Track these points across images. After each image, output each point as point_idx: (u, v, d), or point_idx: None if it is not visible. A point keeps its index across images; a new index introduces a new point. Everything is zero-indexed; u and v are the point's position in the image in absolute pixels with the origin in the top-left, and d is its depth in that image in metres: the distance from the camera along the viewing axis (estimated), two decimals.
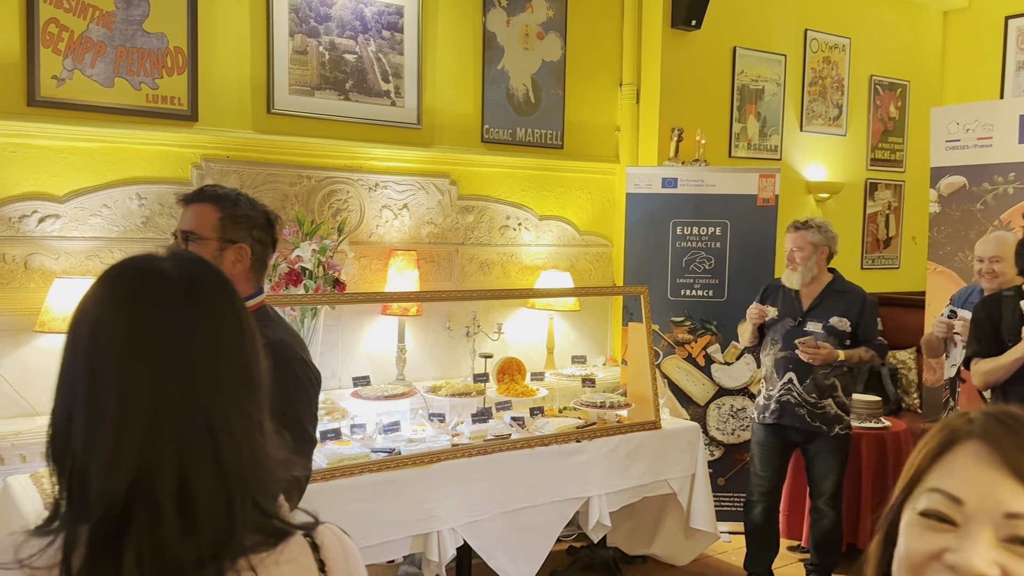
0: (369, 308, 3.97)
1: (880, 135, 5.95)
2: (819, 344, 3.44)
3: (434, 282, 4.23)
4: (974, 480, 0.72)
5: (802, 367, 3.51)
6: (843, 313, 3.53)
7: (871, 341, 3.56)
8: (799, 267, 3.58)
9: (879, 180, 5.97)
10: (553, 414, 3.68)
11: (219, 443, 0.84)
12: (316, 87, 3.88)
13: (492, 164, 4.43)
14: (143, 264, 0.91)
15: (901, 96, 6.05)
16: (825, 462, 3.58)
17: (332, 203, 3.94)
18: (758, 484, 3.72)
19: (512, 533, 3.14)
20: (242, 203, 1.94)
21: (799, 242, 3.58)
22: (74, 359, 0.86)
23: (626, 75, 4.88)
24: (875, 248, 5.99)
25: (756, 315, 3.62)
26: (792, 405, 3.55)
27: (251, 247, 1.93)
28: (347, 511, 2.76)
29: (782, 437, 3.65)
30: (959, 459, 0.74)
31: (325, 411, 3.20)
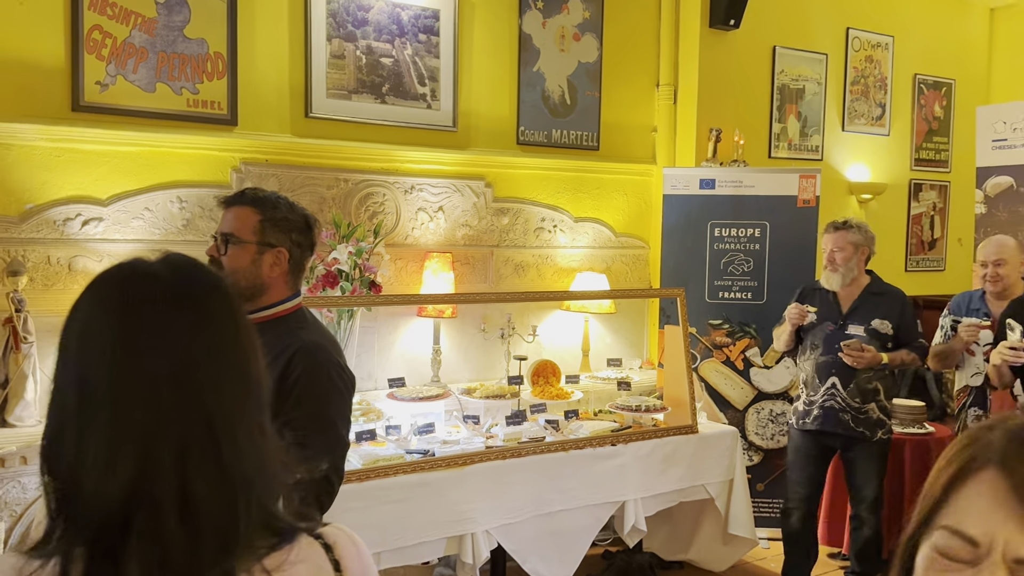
0: (404, 310, 3.99)
1: (924, 135, 5.82)
2: (863, 347, 3.37)
3: (469, 284, 4.23)
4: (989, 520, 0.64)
5: (845, 371, 3.44)
6: (884, 315, 3.46)
7: (912, 343, 3.48)
8: (840, 268, 3.51)
9: (923, 181, 5.84)
10: (588, 417, 3.65)
11: (220, 444, 0.82)
12: (353, 91, 3.91)
13: (527, 166, 4.43)
14: (132, 268, 0.89)
15: (946, 95, 5.91)
16: (866, 468, 3.50)
17: (368, 206, 3.97)
18: (796, 491, 3.65)
19: (547, 536, 3.13)
20: (282, 206, 1.95)
21: (839, 242, 3.52)
22: (64, 367, 0.85)
23: (663, 75, 4.84)
24: (920, 250, 5.85)
25: (796, 315, 3.54)
26: (836, 411, 3.47)
27: (289, 250, 1.94)
28: (382, 512, 2.77)
29: (821, 443, 3.58)
30: (975, 492, 0.66)
31: (360, 412, 3.22)
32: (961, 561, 0.65)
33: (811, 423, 3.55)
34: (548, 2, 4.43)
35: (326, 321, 3.55)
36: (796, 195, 4.39)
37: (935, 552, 0.67)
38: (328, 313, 3.53)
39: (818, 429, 3.53)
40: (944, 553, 0.66)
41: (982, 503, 0.65)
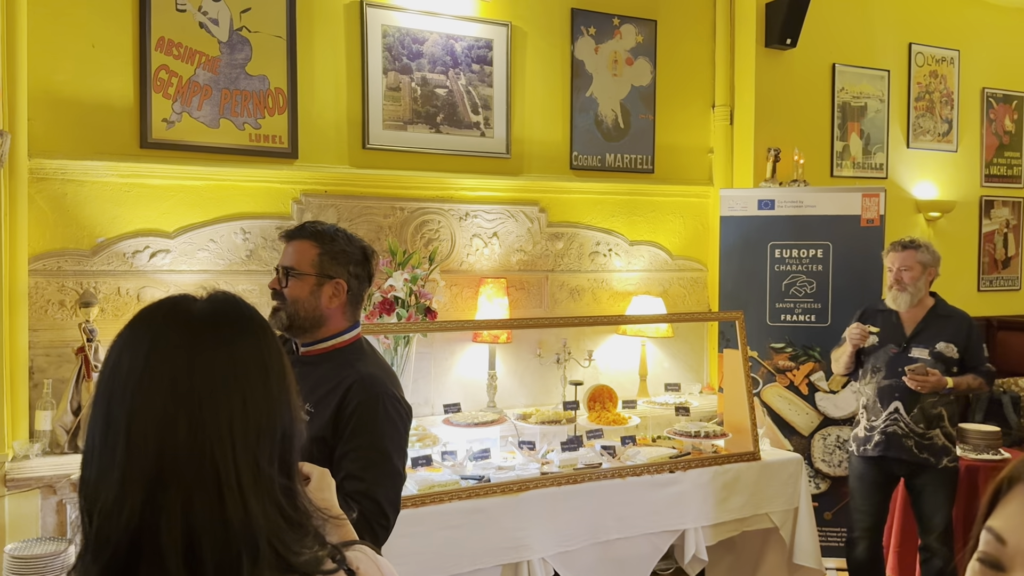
0: (460, 335, 4.01)
1: (995, 150, 5.62)
2: (928, 371, 3.25)
3: (524, 309, 4.23)
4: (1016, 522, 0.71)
5: (909, 396, 3.32)
6: (949, 338, 3.34)
7: (978, 368, 3.34)
8: (908, 288, 3.41)
9: (995, 197, 5.63)
10: (646, 443, 3.60)
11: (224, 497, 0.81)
12: (408, 121, 3.98)
13: (581, 190, 4.43)
14: (172, 306, 0.89)
15: (1017, 109, 5.70)
16: (934, 496, 3.36)
17: (424, 233, 4.02)
18: (860, 520, 3.52)
19: (605, 565, 3.08)
20: (340, 239, 1.99)
21: (908, 262, 3.41)
22: (96, 399, 0.85)
23: (719, 96, 4.80)
24: (993, 269, 5.63)
25: (858, 336, 3.44)
26: (899, 436, 3.35)
27: (348, 282, 1.98)
28: (437, 538, 2.77)
29: (884, 470, 3.45)
30: (1011, 500, 0.73)
31: (417, 437, 3.24)
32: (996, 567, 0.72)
33: (872, 449, 3.43)
34: (600, 28, 4.45)
35: (383, 348, 3.59)
36: (859, 214, 4.28)
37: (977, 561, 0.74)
38: (385, 340, 3.57)
39: (880, 455, 3.41)
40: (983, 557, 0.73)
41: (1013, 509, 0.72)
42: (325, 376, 1.94)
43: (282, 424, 0.88)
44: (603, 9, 4.44)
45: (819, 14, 4.75)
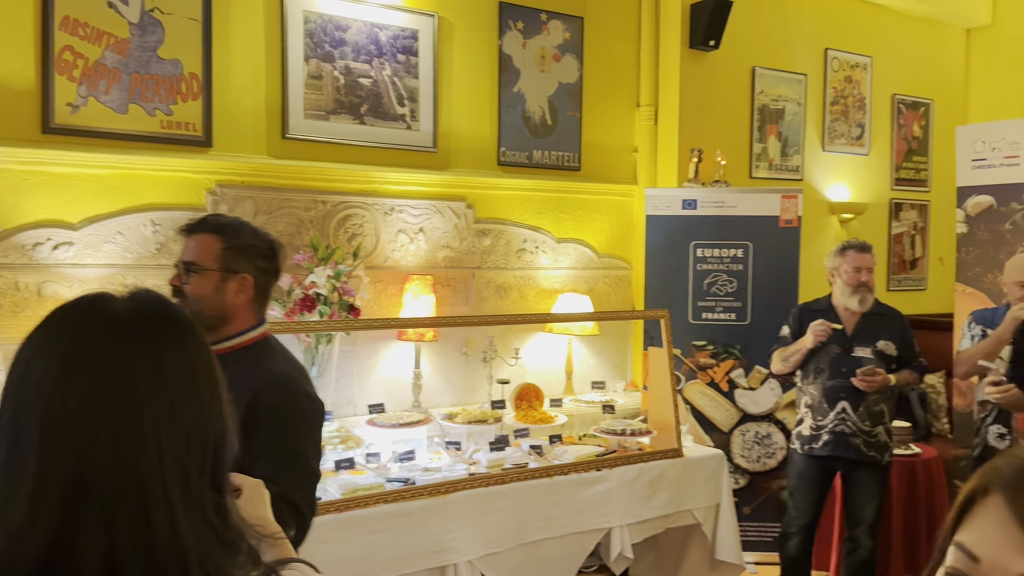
0: (385, 334, 3.92)
1: (904, 154, 5.86)
2: (876, 370, 3.34)
3: (450, 307, 4.17)
4: (991, 537, 0.67)
5: (854, 395, 3.39)
6: (888, 337, 3.44)
7: (913, 363, 3.46)
8: (873, 288, 3.48)
9: (904, 200, 5.86)
10: (572, 441, 3.59)
11: (150, 513, 0.73)
12: (331, 111, 3.86)
13: (509, 187, 4.39)
14: (90, 305, 0.82)
15: (924, 115, 5.95)
16: (869, 490, 3.46)
17: (347, 228, 3.91)
18: (798, 517, 3.59)
19: (531, 566, 3.05)
20: (245, 232, 1.92)
21: (868, 263, 3.48)
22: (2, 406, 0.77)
23: (644, 96, 4.83)
24: (901, 269, 5.86)
25: (823, 332, 3.40)
26: (847, 435, 3.42)
27: (254, 277, 1.89)
28: (361, 543, 2.68)
29: (827, 469, 3.53)
30: (982, 512, 0.69)
31: (339, 439, 3.14)
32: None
33: (820, 448, 3.49)
34: (528, 23, 4.41)
35: (303, 346, 3.47)
36: (778, 215, 4.38)
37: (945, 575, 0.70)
38: (306, 338, 3.45)
39: (829, 454, 3.47)
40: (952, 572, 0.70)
41: (987, 523, 0.68)
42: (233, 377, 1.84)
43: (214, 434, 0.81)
44: (531, 4, 4.41)
45: (741, 17, 4.84)
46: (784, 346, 3.62)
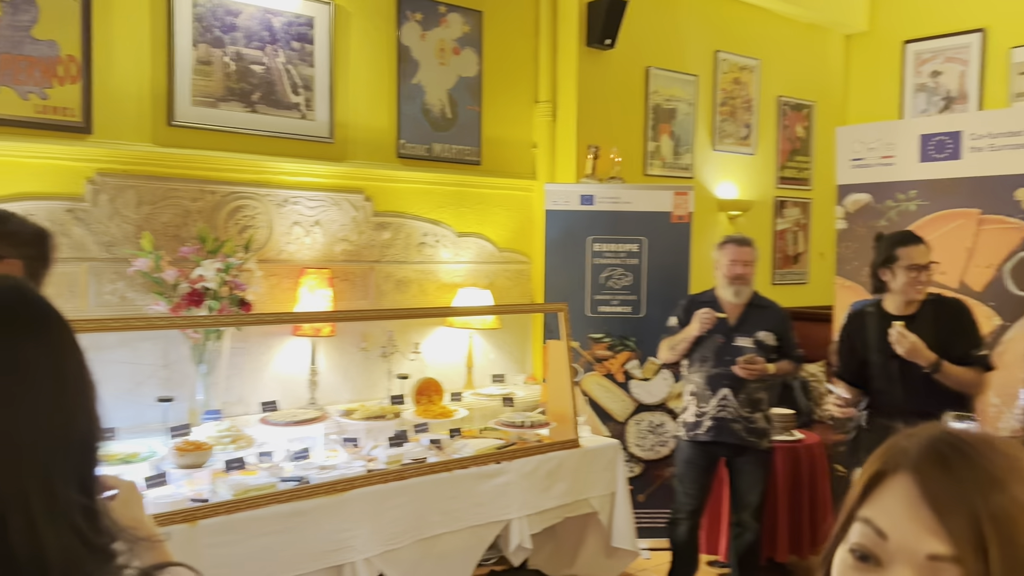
0: (278, 329, 3.81)
1: (788, 154, 6.13)
2: (756, 359, 3.47)
3: (348, 301, 4.09)
4: (900, 516, 0.68)
5: (736, 383, 3.53)
6: (768, 328, 3.58)
7: (791, 354, 3.62)
8: (749, 281, 3.61)
9: (787, 198, 6.14)
10: (473, 435, 3.58)
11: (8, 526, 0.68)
12: (221, 99, 3.72)
13: (408, 180, 4.34)
14: None
15: (807, 116, 6.25)
16: (753, 475, 3.61)
17: (238, 219, 3.77)
18: (686, 503, 3.70)
19: (430, 561, 3.03)
20: (12, 221, 1.94)
21: (747, 256, 3.61)
22: None
23: (542, 92, 4.87)
24: (785, 264, 6.14)
25: (709, 320, 3.52)
26: (729, 421, 3.55)
27: (23, 262, 1.88)
28: (253, 545, 2.60)
29: (711, 454, 3.66)
30: (889, 491, 0.70)
31: (230, 439, 3.03)
32: (871, 559, 0.69)
33: (704, 434, 3.61)
34: (427, 15, 4.37)
35: (191, 343, 3.33)
36: (671, 211, 4.51)
37: (849, 553, 0.71)
38: (193, 334, 3.32)
39: (711, 440, 3.60)
40: (857, 549, 0.70)
41: (895, 503, 0.69)
42: None
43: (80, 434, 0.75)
44: None
45: (636, 18, 4.95)
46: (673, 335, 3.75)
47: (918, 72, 6.01)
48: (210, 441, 2.97)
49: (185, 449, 2.84)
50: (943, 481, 0.67)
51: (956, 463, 0.67)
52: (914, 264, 3.01)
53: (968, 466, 0.67)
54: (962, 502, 0.65)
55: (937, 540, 0.65)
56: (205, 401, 3.38)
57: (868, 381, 3.13)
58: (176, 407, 3.27)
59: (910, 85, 6.05)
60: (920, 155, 4.17)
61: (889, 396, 3.06)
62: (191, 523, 2.50)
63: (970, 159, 4.02)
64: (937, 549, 0.65)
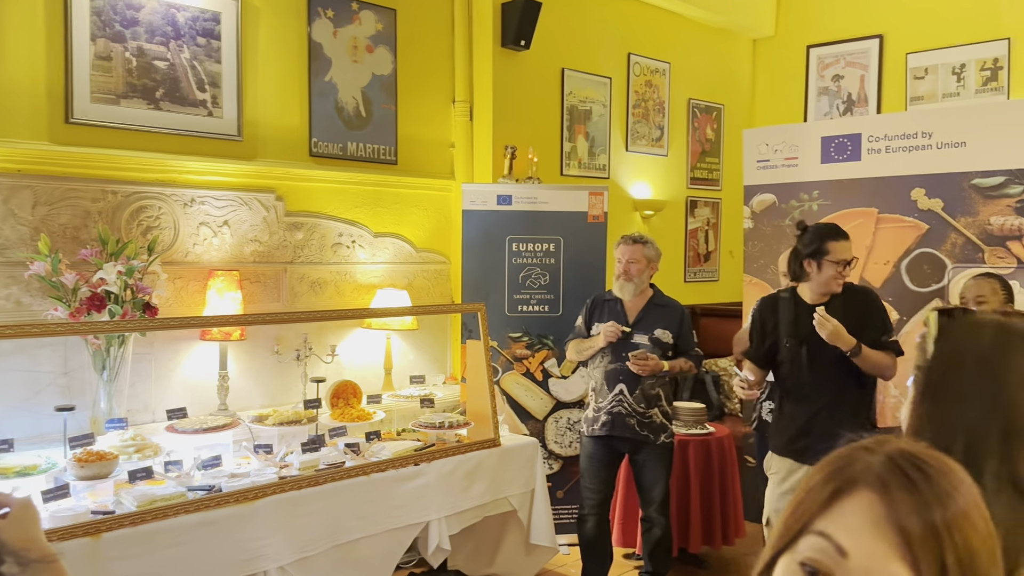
0: (186, 334, 3.68)
1: (698, 155, 6.29)
2: (647, 355, 3.54)
3: (260, 304, 3.99)
4: (864, 536, 0.66)
5: (631, 378, 3.60)
6: (665, 325, 3.66)
7: (689, 352, 3.71)
8: (634, 279, 3.68)
9: (698, 198, 6.30)
10: (391, 437, 3.55)
11: None
12: (122, 95, 3.57)
13: (322, 179, 4.26)
14: None
15: (716, 118, 6.43)
16: (653, 470, 3.68)
17: (141, 220, 3.63)
18: (589, 497, 3.76)
19: (346, 566, 2.98)
20: None
21: (635, 255, 3.68)
22: None
23: (459, 92, 4.87)
24: (696, 262, 6.31)
25: (613, 334, 3.61)
26: (623, 416, 3.62)
27: None
28: (161, 557, 2.51)
29: (611, 449, 3.72)
30: (852, 508, 0.68)
31: (134, 448, 2.91)
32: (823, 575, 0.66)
33: (600, 429, 3.67)
34: (339, 11, 4.30)
35: (92, 349, 3.19)
36: (587, 211, 4.57)
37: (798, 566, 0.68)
38: (95, 340, 3.18)
39: (607, 435, 3.66)
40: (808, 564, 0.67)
41: (857, 520, 0.66)
42: None
43: None
44: None
45: (550, 19, 4.99)
46: (578, 336, 3.81)
47: (821, 76, 6.27)
48: (114, 451, 2.85)
49: (87, 460, 2.72)
50: (909, 504, 0.66)
51: (922, 486, 0.66)
52: (842, 259, 3.09)
53: (932, 490, 0.66)
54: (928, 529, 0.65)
55: (900, 565, 0.64)
56: (108, 409, 3.25)
57: (777, 365, 3.23)
58: (77, 416, 3.13)
59: (813, 88, 6.30)
60: (822, 156, 4.35)
61: (796, 381, 3.15)
62: (94, 537, 2.40)
63: (869, 160, 4.21)
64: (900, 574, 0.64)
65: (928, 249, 4.02)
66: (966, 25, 5.57)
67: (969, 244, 3.89)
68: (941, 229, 3.97)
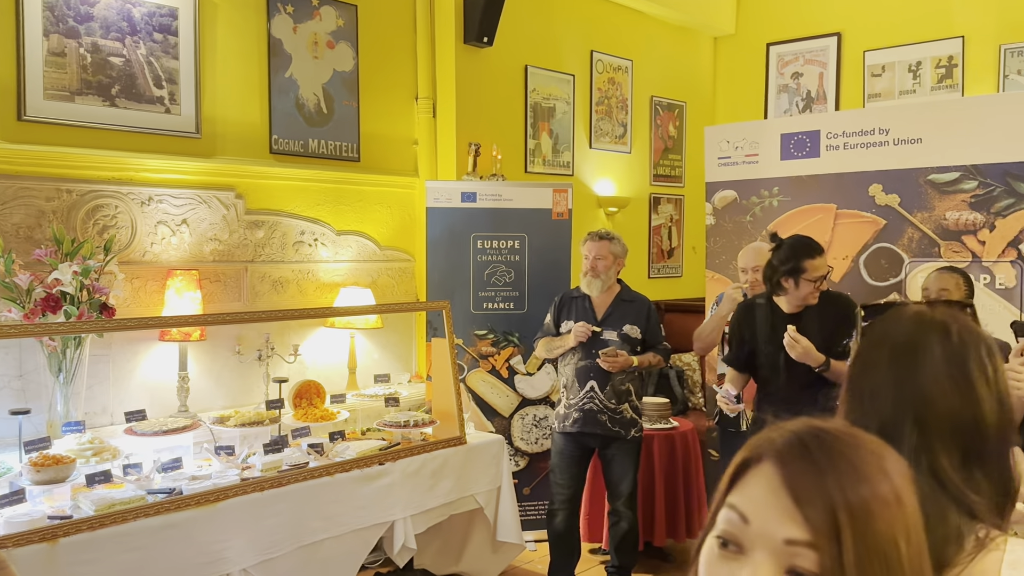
0: (144, 335, 3.62)
1: (661, 152, 6.34)
2: (617, 352, 3.57)
3: (220, 303, 3.94)
4: (761, 502, 0.70)
5: (602, 375, 3.62)
6: (633, 321, 3.69)
7: (657, 346, 3.74)
8: (601, 275, 3.69)
9: (661, 195, 6.35)
10: (356, 437, 3.53)
11: None
12: (77, 92, 3.50)
13: (283, 176, 4.22)
14: None
15: (679, 116, 6.48)
16: (622, 465, 3.71)
17: (98, 219, 3.56)
18: (559, 492, 3.78)
19: (311, 568, 2.96)
20: None
21: (602, 251, 3.70)
22: None
23: (422, 88, 4.84)
24: (660, 258, 6.36)
25: (583, 334, 3.63)
26: (595, 412, 3.65)
27: None
28: (120, 563, 2.47)
29: (582, 445, 3.74)
30: (754, 479, 0.72)
31: (92, 451, 2.86)
32: (735, 544, 0.71)
33: (571, 425, 3.69)
34: (298, 7, 4.26)
35: (48, 351, 3.12)
36: (551, 208, 4.57)
37: (715, 539, 0.73)
38: (50, 342, 3.11)
39: (579, 431, 3.68)
40: (722, 535, 0.72)
41: (758, 489, 0.71)
42: None
43: None
44: None
45: (513, 16, 4.99)
46: (547, 334, 3.83)
47: (781, 74, 6.35)
48: (71, 454, 2.80)
49: (43, 464, 2.66)
50: (803, 470, 0.69)
51: (818, 455, 0.70)
52: (819, 276, 3.13)
53: (829, 458, 0.70)
54: (820, 491, 0.68)
55: (794, 525, 0.68)
56: (65, 412, 3.18)
57: (756, 370, 3.29)
58: (33, 420, 3.07)
59: (773, 86, 6.38)
60: (781, 153, 4.40)
61: (774, 385, 3.23)
62: (51, 542, 2.36)
63: (827, 157, 4.28)
64: (793, 534, 0.68)
65: (886, 244, 4.09)
66: (922, 23, 5.68)
67: (925, 239, 3.97)
68: (898, 224, 4.05)
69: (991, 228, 3.80)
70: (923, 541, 0.72)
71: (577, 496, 3.82)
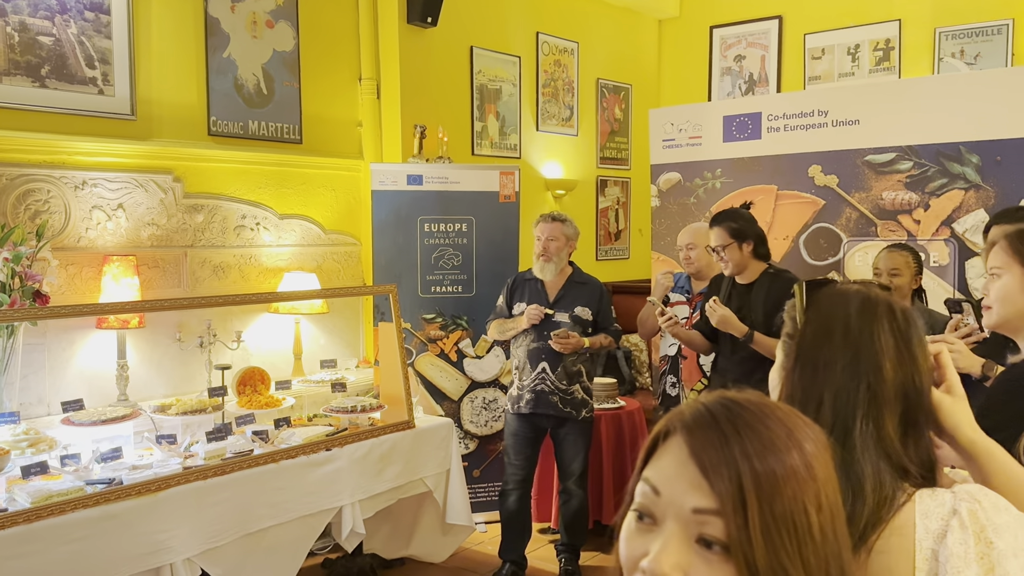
0: (81, 322, 3.52)
1: (608, 135, 6.37)
2: (568, 333, 3.59)
3: (159, 289, 3.85)
4: (671, 473, 0.72)
5: (553, 356, 3.65)
6: (585, 303, 3.72)
7: (608, 328, 3.78)
8: (553, 257, 3.71)
9: (608, 177, 6.39)
10: (302, 423, 3.49)
11: None
12: (4, 73, 3.37)
13: (222, 159, 4.13)
14: None
15: (624, 98, 6.52)
16: (574, 445, 3.75)
17: (29, 204, 3.44)
18: (513, 473, 3.81)
19: (256, 555, 2.93)
20: None
21: (554, 232, 3.71)
22: None
23: (365, 69, 4.78)
24: (608, 240, 6.41)
25: (536, 317, 3.66)
26: (546, 393, 3.68)
27: None
28: (57, 555, 2.41)
29: (535, 426, 3.77)
30: (665, 452, 0.74)
31: (27, 442, 2.78)
32: (649, 516, 0.72)
33: (524, 407, 3.72)
34: None
35: None
36: (498, 191, 4.57)
37: (632, 512, 0.74)
38: None
39: (531, 412, 3.71)
40: (638, 508, 0.73)
41: (668, 461, 0.73)
42: None
43: None
44: None
45: None
46: (499, 316, 3.85)
47: (724, 56, 6.42)
48: (5, 446, 2.73)
49: None
50: (710, 441, 0.71)
51: (725, 425, 0.71)
52: (711, 246, 3.31)
53: (735, 428, 0.71)
54: (725, 460, 0.69)
55: (701, 494, 0.69)
56: None
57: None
58: None
59: (717, 68, 6.45)
60: (724, 135, 4.46)
61: (723, 356, 3.37)
62: None
63: (768, 139, 4.35)
64: (700, 503, 0.69)
65: (824, 224, 4.18)
66: (860, 7, 5.79)
67: (863, 218, 4.07)
68: (836, 204, 4.14)
69: (926, 207, 3.91)
70: (838, 509, 0.73)
71: (530, 477, 3.86)
